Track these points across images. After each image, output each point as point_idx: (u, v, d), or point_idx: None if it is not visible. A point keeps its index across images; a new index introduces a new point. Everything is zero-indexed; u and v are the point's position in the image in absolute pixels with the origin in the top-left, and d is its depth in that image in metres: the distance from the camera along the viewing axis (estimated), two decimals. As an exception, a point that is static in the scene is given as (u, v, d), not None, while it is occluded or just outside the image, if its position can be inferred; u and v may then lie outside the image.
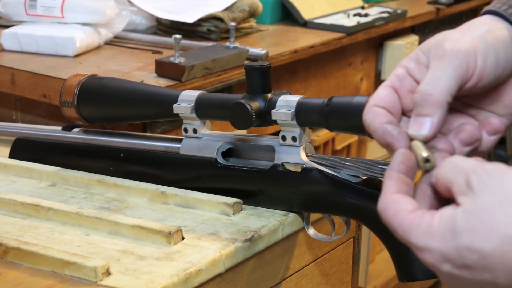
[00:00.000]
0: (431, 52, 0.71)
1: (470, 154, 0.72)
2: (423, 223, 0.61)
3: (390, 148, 0.70)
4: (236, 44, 1.48)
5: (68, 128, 1.12)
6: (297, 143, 0.94)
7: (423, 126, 0.68)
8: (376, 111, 0.71)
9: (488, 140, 0.73)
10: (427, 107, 0.68)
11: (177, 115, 0.99)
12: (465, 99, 0.75)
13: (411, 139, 0.68)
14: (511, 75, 0.74)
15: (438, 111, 0.68)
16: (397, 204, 0.64)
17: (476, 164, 0.61)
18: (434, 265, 0.61)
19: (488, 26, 0.73)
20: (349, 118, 0.89)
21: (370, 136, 0.76)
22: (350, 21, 1.85)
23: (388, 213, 0.64)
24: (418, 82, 0.72)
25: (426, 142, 0.68)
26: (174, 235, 0.88)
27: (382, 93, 0.72)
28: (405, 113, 0.73)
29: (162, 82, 1.34)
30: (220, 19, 1.61)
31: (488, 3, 0.89)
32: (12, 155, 1.14)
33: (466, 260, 0.59)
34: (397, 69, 0.74)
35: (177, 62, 1.35)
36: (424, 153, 0.66)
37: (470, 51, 0.70)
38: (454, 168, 0.62)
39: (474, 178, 0.60)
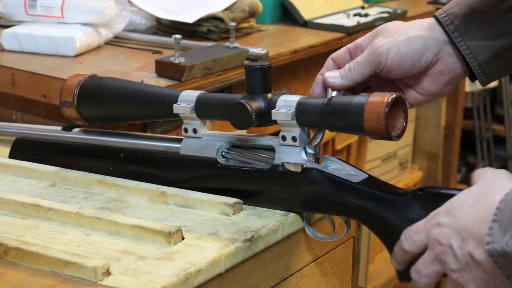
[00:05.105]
0: (372, 38, 1.00)
1: None
2: None
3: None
4: (236, 44, 1.48)
5: (68, 128, 1.12)
6: (297, 143, 0.94)
7: (334, 79, 0.99)
8: (329, 61, 1.03)
9: None
10: (344, 73, 0.99)
11: (177, 115, 0.99)
12: (399, 79, 1.02)
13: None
14: (426, 68, 0.99)
15: (346, 79, 0.98)
16: None
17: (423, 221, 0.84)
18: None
19: (419, 33, 0.98)
20: (349, 118, 0.89)
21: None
22: (350, 21, 1.85)
23: None
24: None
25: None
26: (174, 235, 0.88)
27: (341, 52, 1.03)
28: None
29: (162, 82, 1.34)
30: (220, 19, 1.61)
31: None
32: (12, 155, 1.14)
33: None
34: (359, 39, 1.01)
35: (177, 62, 1.35)
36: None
37: (384, 52, 0.97)
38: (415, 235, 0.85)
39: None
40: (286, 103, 0.93)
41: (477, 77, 1.00)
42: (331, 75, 0.99)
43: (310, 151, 0.95)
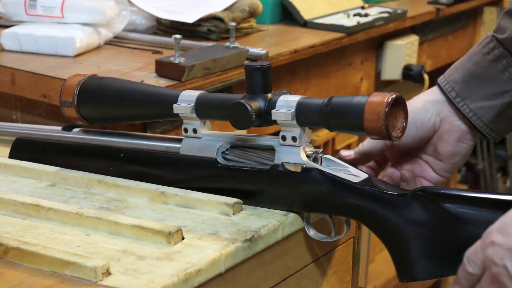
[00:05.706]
0: None
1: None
2: None
3: None
4: (236, 44, 1.48)
5: (68, 128, 1.12)
6: (297, 143, 0.94)
7: (348, 154, 1.08)
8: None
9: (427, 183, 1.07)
10: (357, 149, 1.07)
11: (177, 115, 0.99)
12: (416, 149, 1.07)
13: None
14: (433, 130, 1.04)
15: (357, 153, 1.08)
16: None
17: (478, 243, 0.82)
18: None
19: (419, 99, 1.05)
20: (349, 118, 0.89)
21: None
22: (350, 21, 1.85)
23: None
24: None
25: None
26: (174, 235, 0.88)
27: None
28: None
29: (162, 82, 1.34)
30: (220, 19, 1.61)
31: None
32: (12, 155, 1.14)
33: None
34: None
35: (177, 62, 1.35)
36: None
37: None
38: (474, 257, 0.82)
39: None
40: (286, 103, 0.93)
41: (487, 136, 1.04)
42: (346, 154, 1.09)
43: (310, 151, 0.95)
